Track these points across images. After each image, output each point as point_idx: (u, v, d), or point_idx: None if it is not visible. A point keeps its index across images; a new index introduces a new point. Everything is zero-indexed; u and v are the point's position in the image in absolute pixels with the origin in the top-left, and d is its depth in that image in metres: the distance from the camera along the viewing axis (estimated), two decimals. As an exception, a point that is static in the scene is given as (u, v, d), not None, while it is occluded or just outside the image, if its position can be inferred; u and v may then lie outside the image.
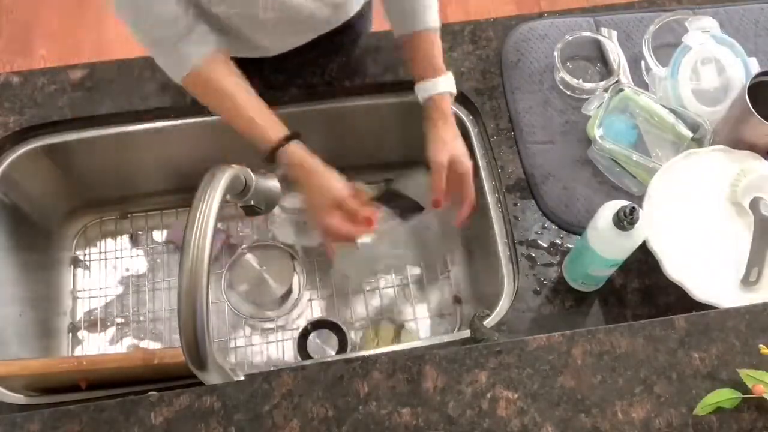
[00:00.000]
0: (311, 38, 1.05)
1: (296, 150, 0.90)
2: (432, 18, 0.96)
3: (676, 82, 1.02)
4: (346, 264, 1.02)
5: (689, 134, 1.00)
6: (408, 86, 1.11)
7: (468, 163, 0.96)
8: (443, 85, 0.97)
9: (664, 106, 1.01)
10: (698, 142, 0.99)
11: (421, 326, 1.19)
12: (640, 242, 0.83)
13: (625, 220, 0.78)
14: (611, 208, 0.81)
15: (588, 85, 1.07)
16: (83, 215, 1.24)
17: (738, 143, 0.96)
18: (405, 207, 1.00)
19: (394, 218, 0.99)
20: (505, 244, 1.01)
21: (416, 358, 0.73)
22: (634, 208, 0.78)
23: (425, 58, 0.97)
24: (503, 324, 0.93)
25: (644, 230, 0.81)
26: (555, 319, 0.94)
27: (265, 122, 0.90)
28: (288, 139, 0.89)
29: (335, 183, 0.91)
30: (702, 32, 1.04)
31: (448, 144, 0.95)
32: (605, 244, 0.83)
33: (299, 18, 0.94)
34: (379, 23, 1.12)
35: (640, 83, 1.09)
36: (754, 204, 0.93)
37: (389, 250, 1.00)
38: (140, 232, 1.25)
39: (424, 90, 0.97)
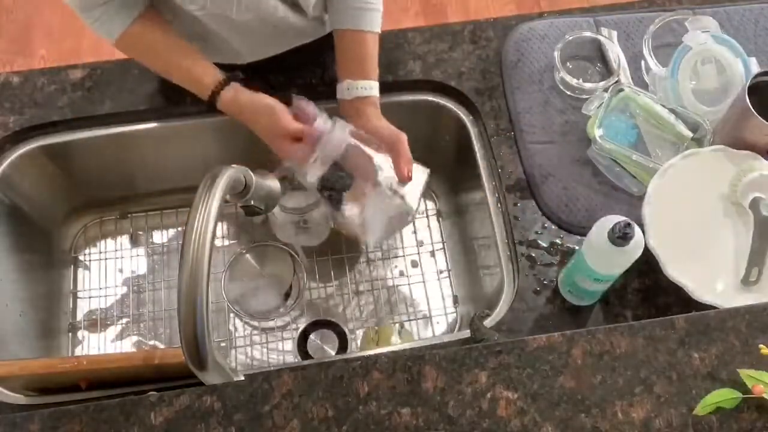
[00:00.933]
0: (286, 48, 1.04)
1: (229, 95, 0.91)
2: (377, 22, 0.95)
3: (676, 82, 1.02)
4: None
5: (689, 134, 1.00)
6: (408, 86, 1.12)
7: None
8: (376, 89, 0.95)
9: (664, 106, 1.01)
10: (698, 142, 0.99)
11: (421, 326, 1.19)
12: (633, 259, 0.82)
13: (619, 236, 0.78)
14: (608, 222, 0.81)
15: (588, 85, 1.07)
16: (83, 215, 1.25)
17: (738, 143, 0.96)
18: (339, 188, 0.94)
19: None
20: (505, 244, 1.01)
21: (416, 358, 0.73)
22: (629, 224, 0.78)
23: (363, 60, 0.95)
24: (503, 324, 0.93)
25: (639, 248, 0.81)
26: (555, 319, 0.94)
27: (201, 69, 0.92)
28: (223, 83, 0.90)
29: (277, 118, 0.90)
30: (702, 32, 1.04)
31: (385, 122, 0.93)
32: (597, 258, 0.83)
33: (272, 21, 0.94)
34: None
35: (640, 83, 1.09)
36: (754, 204, 0.93)
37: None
38: (140, 232, 1.25)
39: (362, 88, 0.93)
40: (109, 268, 1.22)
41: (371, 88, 0.94)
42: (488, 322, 0.93)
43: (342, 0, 0.94)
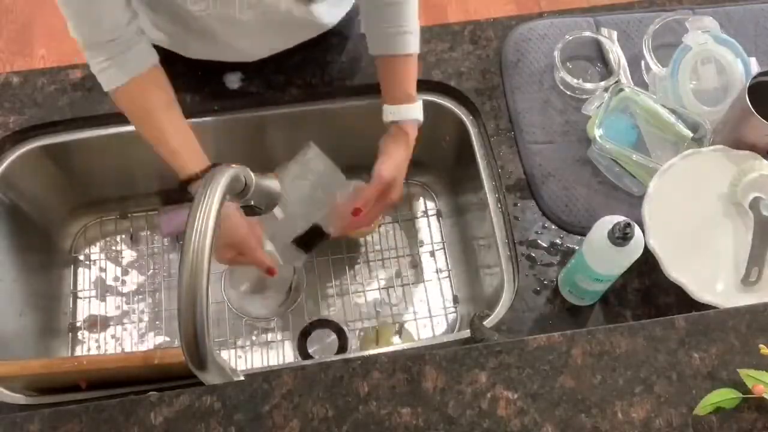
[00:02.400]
0: (292, 44, 1.04)
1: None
2: (413, 44, 0.96)
3: (676, 82, 1.02)
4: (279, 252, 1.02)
5: (689, 134, 1.00)
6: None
7: (398, 197, 0.99)
8: (414, 112, 0.97)
9: (664, 106, 1.01)
10: (698, 142, 0.99)
11: (421, 326, 1.19)
12: (633, 259, 0.82)
13: (619, 236, 0.78)
14: (608, 222, 0.81)
15: (588, 85, 1.07)
16: (83, 215, 1.24)
17: (738, 143, 0.96)
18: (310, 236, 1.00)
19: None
20: (505, 244, 1.01)
21: (416, 358, 0.73)
22: (629, 224, 0.78)
23: (400, 83, 0.97)
24: (503, 324, 0.93)
25: (638, 248, 0.81)
26: (555, 319, 0.94)
27: (188, 153, 0.90)
28: (204, 172, 0.89)
29: (238, 230, 0.93)
30: (702, 32, 1.04)
31: (399, 166, 0.97)
32: (597, 258, 0.83)
33: (276, 17, 0.94)
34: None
35: (640, 83, 1.09)
36: (754, 204, 0.93)
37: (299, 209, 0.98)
38: (140, 232, 1.25)
39: (392, 114, 0.97)
40: (109, 268, 1.22)
41: (396, 113, 0.97)
42: (488, 322, 0.93)
43: (378, 26, 0.96)
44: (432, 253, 1.25)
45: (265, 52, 1.05)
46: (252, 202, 0.82)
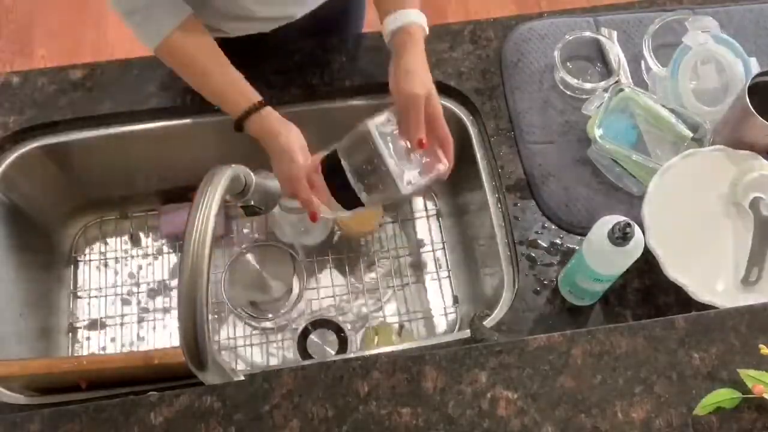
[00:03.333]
0: (300, 12, 1.02)
1: (257, 121, 0.89)
2: None
3: (676, 82, 1.02)
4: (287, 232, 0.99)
5: (689, 134, 1.00)
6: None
7: (439, 104, 0.85)
8: (417, 16, 0.87)
9: (664, 106, 1.01)
10: (698, 142, 0.99)
11: (421, 326, 1.19)
12: (633, 259, 0.82)
13: (619, 236, 0.78)
14: (608, 222, 0.81)
15: (588, 85, 1.07)
16: (83, 215, 1.24)
17: (738, 143, 0.96)
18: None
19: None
20: (505, 244, 1.01)
21: (416, 358, 0.73)
22: (629, 224, 0.78)
23: None
24: (503, 324, 0.93)
25: (638, 248, 0.81)
26: (555, 319, 0.94)
27: (235, 92, 0.90)
28: (255, 108, 0.88)
29: (296, 162, 0.86)
30: (702, 32, 1.04)
31: (421, 76, 0.83)
32: (597, 258, 0.83)
33: None
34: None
35: (640, 83, 1.09)
36: (754, 204, 0.93)
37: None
38: (140, 232, 1.25)
39: (394, 21, 0.86)
40: (109, 268, 1.22)
41: (397, 18, 0.86)
42: (488, 322, 0.93)
43: None
44: (432, 253, 1.24)
45: (277, 20, 1.03)
46: (252, 202, 0.82)
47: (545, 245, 0.99)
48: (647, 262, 0.90)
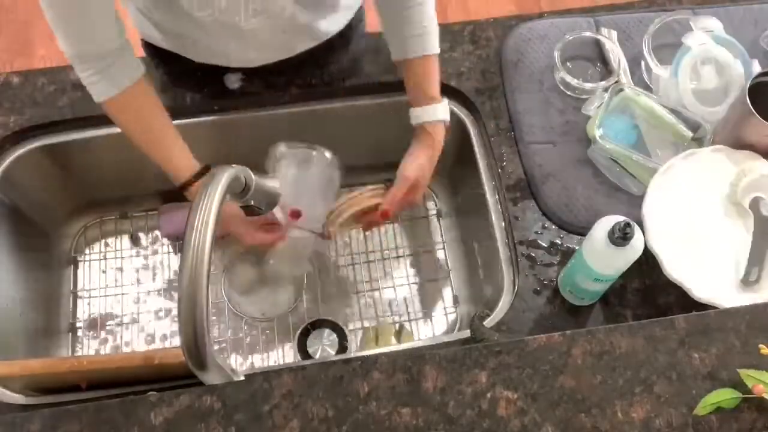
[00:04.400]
0: (293, 53, 1.05)
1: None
2: (431, 45, 0.96)
3: (677, 82, 1.02)
4: (279, 258, 1.03)
5: (689, 134, 1.00)
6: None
7: (421, 198, 1.01)
8: (436, 113, 0.97)
9: (664, 106, 1.01)
10: (698, 142, 0.99)
11: (421, 326, 1.19)
12: (633, 259, 0.82)
13: (619, 236, 0.78)
14: (608, 222, 0.81)
15: (588, 85, 1.07)
16: (83, 215, 1.24)
17: (738, 143, 0.96)
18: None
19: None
20: (505, 244, 1.01)
21: (416, 358, 0.73)
22: (629, 224, 0.78)
23: (420, 85, 0.97)
24: (503, 324, 0.93)
25: (638, 248, 0.81)
26: (555, 319, 0.94)
27: (179, 159, 0.93)
28: (197, 177, 0.92)
29: (243, 224, 0.96)
30: (703, 32, 1.04)
31: (422, 166, 0.97)
32: (597, 258, 0.83)
33: (280, 24, 0.94)
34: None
35: (640, 83, 1.09)
36: (754, 204, 0.93)
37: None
38: (140, 232, 1.25)
39: (416, 117, 0.98)
40: (109, 268, 1.22)
41: (420, 115, 0.97)
42: (488, 322, 0.93)
43: (400, 31, 0.96)
44: (432, 253, 1.24)
45: (267, 60, 1.05)
46: (252, 202, 0.82)
47: (545, 245, 0.99)
48: (647, 262, 0.90)
